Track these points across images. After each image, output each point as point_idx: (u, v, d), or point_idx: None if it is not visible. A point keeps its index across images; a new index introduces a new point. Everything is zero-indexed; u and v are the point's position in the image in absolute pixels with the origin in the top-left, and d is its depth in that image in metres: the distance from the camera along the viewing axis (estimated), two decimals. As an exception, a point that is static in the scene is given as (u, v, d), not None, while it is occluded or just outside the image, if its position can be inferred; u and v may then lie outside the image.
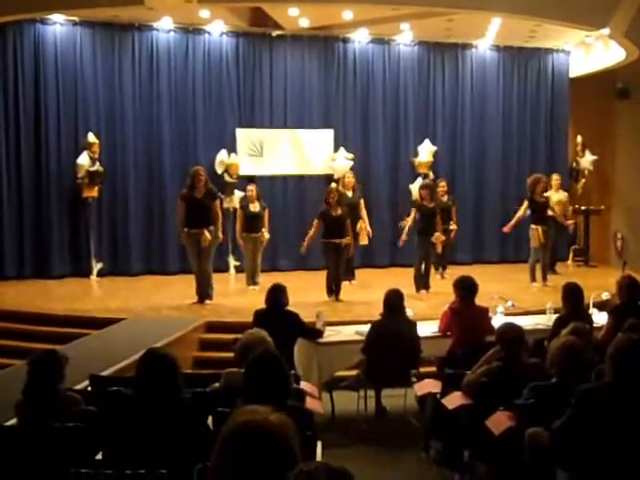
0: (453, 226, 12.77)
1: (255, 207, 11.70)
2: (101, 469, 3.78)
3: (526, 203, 12.06)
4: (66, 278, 12.72)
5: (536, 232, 11.87)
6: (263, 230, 11.70)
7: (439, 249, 11.77)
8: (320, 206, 11.52)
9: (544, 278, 11.83)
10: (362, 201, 12.14)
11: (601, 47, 14.06)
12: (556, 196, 13.10)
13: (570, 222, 13.19)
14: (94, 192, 12.80)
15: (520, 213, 12.14)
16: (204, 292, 10.45)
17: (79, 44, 12.96)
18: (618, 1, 11.88)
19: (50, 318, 9.52)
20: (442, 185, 12.94)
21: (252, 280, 11.68)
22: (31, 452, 4.19)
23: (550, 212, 12.49)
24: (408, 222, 11.56)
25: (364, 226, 11.98)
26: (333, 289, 10.87)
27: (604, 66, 14.57)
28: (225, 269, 13.39)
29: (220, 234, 10.59)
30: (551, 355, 4.84)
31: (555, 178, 13.46)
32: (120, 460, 4.07)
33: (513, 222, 12.18)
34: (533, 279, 11.90)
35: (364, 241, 12.13)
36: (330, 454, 4.46)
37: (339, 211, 10.78)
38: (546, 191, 12.48)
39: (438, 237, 11.43)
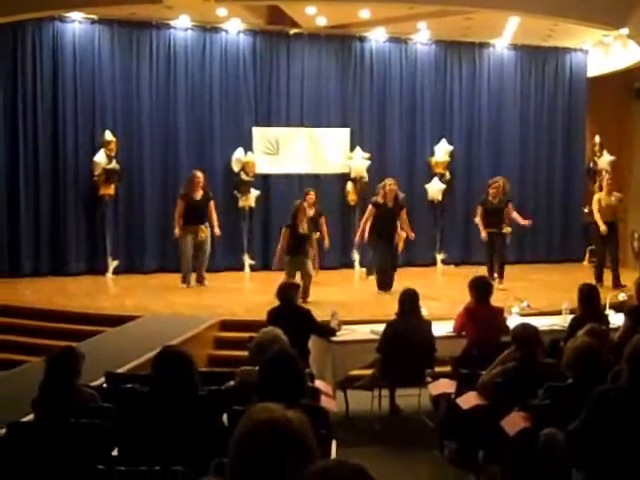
0: (506, 229, 11.95)
1: (304, 228, 10.40)
2: (117, 465, 3.80)
3: (480, 208, 11.96)
4: (82, 275, 12.79)
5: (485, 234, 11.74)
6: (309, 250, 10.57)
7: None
8: (333, 203, 11.92)
9: (499, 275, 11.65)
10: (404, 211, 11.31)
11: (619, 47, 13.98)
12: (606, 199, 12.25)
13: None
14: (110, 190, 12.86)
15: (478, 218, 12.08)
16: (199, 279, 11.64)
17: (97, 42, 13.03)
18: (637, 1, 11.81)
19: (66, 315, 9.55)
20: (495, 186, 11.93)
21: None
22: (47, 448, 4.22)
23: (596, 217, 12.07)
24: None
25: (402, 236, 11.50)
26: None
27: (622, 66, 14.49)
28: (240, 268, 13.43)
29: (217, 230, 11.71)
30: (567, 356, 4.81)
31: (607, 178, 12.68)
32: (135, 457, 4.09)
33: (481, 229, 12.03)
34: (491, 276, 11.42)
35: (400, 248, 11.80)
36: (344, 453, 4.47)
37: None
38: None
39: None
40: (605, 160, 14.99)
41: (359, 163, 13.91)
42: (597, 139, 15.20)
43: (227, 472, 2.21)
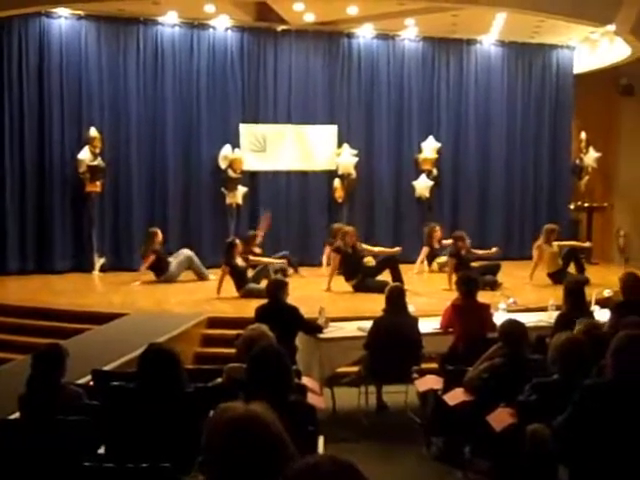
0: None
1: (242, 262, 10.78)
2: (104, 462, 3.80)
3: (426, 249, 12.69)
4: (68, 273, 12.72)
5: None
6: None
7: None
8: (323, 200, 12.74)
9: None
10: (362, 245, 11.35)
11: (606, 43, 14.02)
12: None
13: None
14: (96, 187, 12.80)
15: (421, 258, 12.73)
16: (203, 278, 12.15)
17: (84, 38, 12.96)
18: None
19: (52, 313, 9.51)
20: (466, 240, 11.58)
21: None
22: (34, 445, 4.21)
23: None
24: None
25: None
26: None
27: (609, 62, 14.55)
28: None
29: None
30: (552, 352, 4.84)
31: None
32: (122, 454, 4.09)
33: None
34: None
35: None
36: (331, 449, 4.47)
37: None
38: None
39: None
40: (591, 157, 15.04)
41: (347, 160, 13.91)
42: (583, 136, 15.23)
43: (205, 471, 2.26)
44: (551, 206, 15.37)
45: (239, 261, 10.66)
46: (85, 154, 12.61)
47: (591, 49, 14.78)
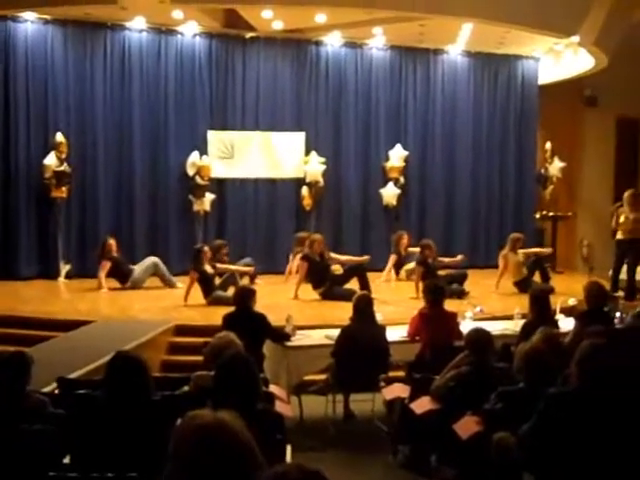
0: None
1: (210, 268, 10.73)
2: (68, 472, 3.76)
3: (394, 257, 12.80)
4: (34, 280, 12.56)
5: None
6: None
7: None
8: (291, 207, 12.92)
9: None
10: (331, 254, 11.56)
11: (570, 54, 14.21)
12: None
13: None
14: (62, 193, 12.67)
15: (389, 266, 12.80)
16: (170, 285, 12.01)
17: (50, 43, 12.82)
18: (588, 8, 12.05)
19: (17, 320, 9.37)
20: (433, 248, 11.68)
21: None
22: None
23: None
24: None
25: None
26: None
27: (573, 74, 14.75)
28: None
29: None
30: (518, 360, 4.89)
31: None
32: (88, 463, 4.05)
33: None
34: None
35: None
36: (299, 457, 4.47)
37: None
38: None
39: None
40: (556, 167, 15.23)
41: (315, 168, 13.94)
42: (548, 146, 15.42)
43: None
44: (516, 215, 15.54)
45: (207, 268, 10.63)
46: (51, 159, 12.49)
47: (555, 60, 14.95)
